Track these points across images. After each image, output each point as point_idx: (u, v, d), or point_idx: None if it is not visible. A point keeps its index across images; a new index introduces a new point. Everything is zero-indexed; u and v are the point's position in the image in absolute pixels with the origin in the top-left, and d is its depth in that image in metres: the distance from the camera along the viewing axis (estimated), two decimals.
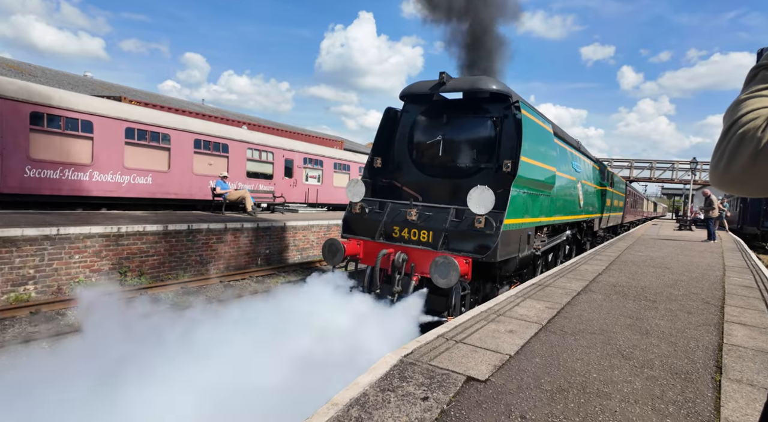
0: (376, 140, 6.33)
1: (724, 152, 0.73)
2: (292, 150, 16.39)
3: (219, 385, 3.01)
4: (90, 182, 10.17)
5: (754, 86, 0.77)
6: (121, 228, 7.55)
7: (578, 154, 8.80)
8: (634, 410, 2.24)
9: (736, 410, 2.30)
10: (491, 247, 4.81)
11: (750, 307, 4.70)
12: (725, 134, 0.75)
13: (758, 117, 0.71)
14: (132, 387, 2.99)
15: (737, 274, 7.07)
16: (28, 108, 9.04)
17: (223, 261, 9.27)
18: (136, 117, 11.13)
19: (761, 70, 0.78)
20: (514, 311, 4.00)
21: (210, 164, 13.08)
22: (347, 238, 5.72)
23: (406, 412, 2.09)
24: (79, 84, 21.23)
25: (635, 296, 4.91)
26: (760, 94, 0.74)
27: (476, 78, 5.65)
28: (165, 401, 2.86)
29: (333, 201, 18.45)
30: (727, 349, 3.25)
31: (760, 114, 0.71)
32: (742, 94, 0.77)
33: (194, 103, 30.83)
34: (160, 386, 2.98)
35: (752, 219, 22.09)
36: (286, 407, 2.73)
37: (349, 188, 5.84)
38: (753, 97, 0.75)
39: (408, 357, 2.75)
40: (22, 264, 6.31)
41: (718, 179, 0.76)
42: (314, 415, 2.03)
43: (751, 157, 0.69)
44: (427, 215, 5.32)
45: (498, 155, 5.56)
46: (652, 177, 34.18)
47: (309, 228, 11.66)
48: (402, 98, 6.27)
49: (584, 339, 3.32)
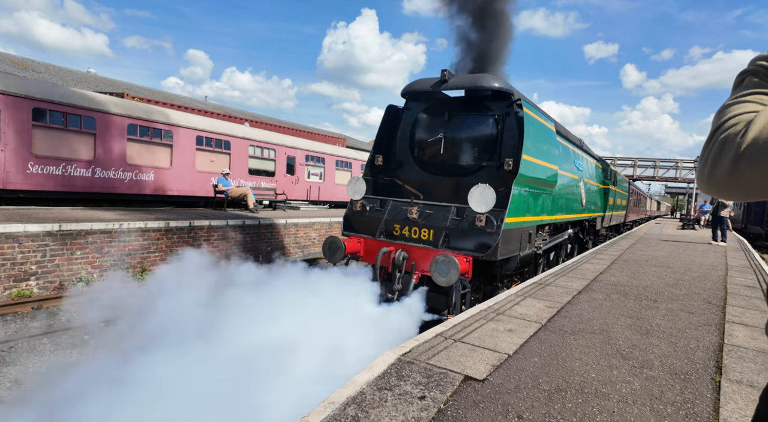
0: (378, 138, 6.32)
1: (708, 158, 0.75)
2: (294, 147, 16.39)
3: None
4: (93, 178, 10.20)
5: (739, 92, 0.78)
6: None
7: (581, 152, 8.76)
8: (632, 410, 2.23)
9: (735, 411, 2.28)
10: (492, 245, 4.79)
11: (752, 307, 4.67)
12: (710, 139, 0.76)
13: (739, 122, 0.72)
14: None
15: (740, 274, 7.03)
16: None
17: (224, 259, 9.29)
18: (138, 114, 11.15)
19: (747, 75, 0.80)
20: (513, 310, 3.99)
21: (212, 160, 13.10)
22: (348, 236, 5.71)
23: (402, 411, 2.08)
24: (82, 80, 21.29)
25: (636, 296, 4.89)
26: (744, 100, 0.76)
27: (478, 76, 5.62)
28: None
29: (335, 199, 18.45)
30: (728, 350, 3.23)
31: (742, 119, 0.72)
32: (728, 100, 0.79)
33: (197, 100, 30.86)
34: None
35: (756, 219, 21.98)
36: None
37: (350, 186, 5.84)
38: (737, 102, 0.76)
39: (406, 356, 2.75)
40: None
41: (704, 184, 0.77)
42: (311, 413, 2.03)
43: (732, 162, 0.70)
44: (428, 213, 5.31)
45: (500, 153, 5.54)
46: (655, 176, 34.04)
47: (310, 225, 11.66)
48: (404, 96, 6.25)
49: (584, 338, 3.31)
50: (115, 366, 3.47)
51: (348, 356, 3.57)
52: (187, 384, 3.01)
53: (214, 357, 3.36)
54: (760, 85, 0.77)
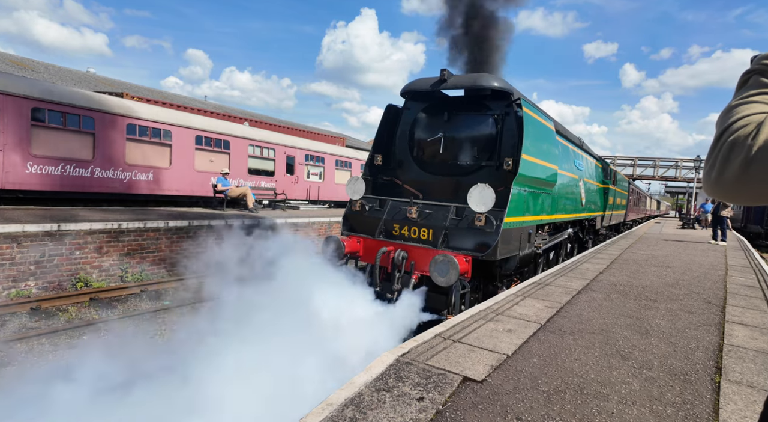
0: (377, 138, 6.30)
1: (716, 160, 0.72)
2: (294, 147, 16.37)
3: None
4: (91, 178, 10.19)
5: (745, 92, 0.75)
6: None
7: (581, 152, 8.75)
8: (631, 411, 2.22)
9: (735, 412, 2.27)
10: (491, 245, 4.78)
11: (752, 307, 4.66)
12: (717, 141, 0.73)
13: (749, 124, 0.69)
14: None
15: (740, 273, 7.03)
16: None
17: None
18: (137, 114, 11.14)
19: (753, 74, 0.77)
20: (513, 310, 3.98)
21: (211, 160, 13.09)
22: (347, 235, 5.70)
23: (401, 413, 2.07)
24: (81, 80, 21.26)
25: (636, 296, 4.88)
26: (751, 100, 0.73)
27: (478, 75, 5.61)
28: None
29: (334, 198, 18.45)
30: (728, 350, 3.23)
31: (751, 121, 0.69)
32: (734, 101, 0.76)
33: (197, 100, 30.83)
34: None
35: (756, 218, 21.98)
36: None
37: (350, 186, 5.83)
38: (744, 103, 0.73)
39: (405, 357, 2.74)
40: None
41: (711, 187, 0.74)
42: (308, 415, 2.02)
43: (742, 165, 0.67)
44: (427, 212, 5.30)
45: (499, 153, 5.53)
46: (655, 175, 34.02)
47: (310, 225, 11.66)
48: (403, 95, 6.24)
49: (583, 339, 3.30)
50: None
51: (347, 356, 3.56)
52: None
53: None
54: (766, 85, 0.74)
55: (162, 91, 28.67)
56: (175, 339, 5.26)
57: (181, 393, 3.36)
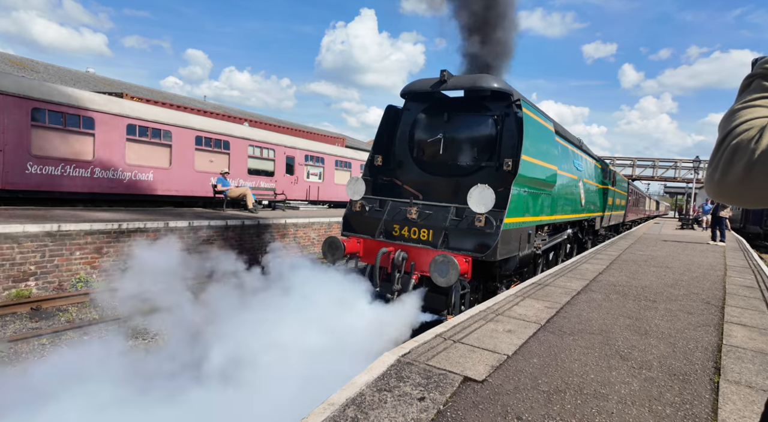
0: (377, 138, 6.31)
1: (718, 163, 0.72)
2: (294, 147, 16.38)
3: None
4: (92, 178, 10.19)
5: (748, 96, 0.76)
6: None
7: (580, 152, 8.77)
8: (630, 412, 2.24)
9: (734, 412, 2.29)
10: (491, 246, 4.80)
11: (750, 307, 4.68)
12: (720, 144, 0.74)
13: (752, 128, 0.70)
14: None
15: (739, 274, 7.05)
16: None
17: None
18: (137, 114, 11.14)
19: (755, 79, 0.77)
20: (513, 310, 4.00)
21: (211, 161, 13.10)
22: (347, 236, 5.71)
23: (402, 412, 2.09)
24: (80, 80, 21.25)
25: (635, 296, 4.89)
26: (754, 105, 0.73)
27: (477, 76, 5.62)
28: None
29: (334, 198, 18.45)
30: (726, 350, 3.24)
31: (754, 125, 0.70)
32: (737, 104, 0.76)
33: (196, 100, 30.83)
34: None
35: (755, 219, 22.02)
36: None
37: (350, 186, 5.84)
38: (747, 107, 0.74)
39: (405, 357, 2.75)
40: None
41: (714, 191, 0.75)
42: (310, 415, 2.03)
43: (746, 168, 0.68)
44: (427, 213, 5.31)
45: (499, 154, 5.54)
46: (654, 175, 34.07)
47: (310, 225, 11.66)
48: (403, 96, 6.25)
49: (583, 339, 3.32)
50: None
51: (346, 357, 3.57)
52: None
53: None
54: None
55: (161, 92, 28.67)
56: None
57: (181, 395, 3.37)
